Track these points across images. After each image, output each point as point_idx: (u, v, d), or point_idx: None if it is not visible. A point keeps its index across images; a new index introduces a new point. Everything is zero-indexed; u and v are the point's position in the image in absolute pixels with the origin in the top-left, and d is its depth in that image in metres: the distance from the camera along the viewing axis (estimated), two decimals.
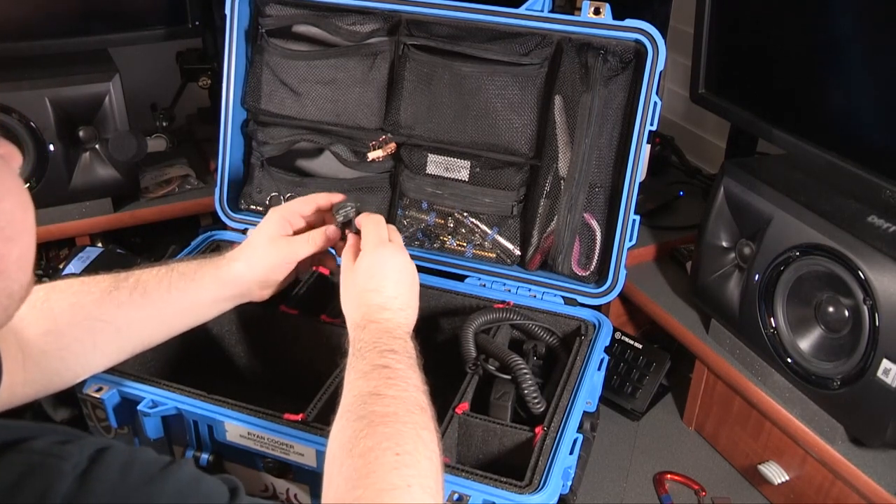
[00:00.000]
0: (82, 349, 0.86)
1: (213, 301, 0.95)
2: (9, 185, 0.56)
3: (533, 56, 1.13)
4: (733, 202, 1.09)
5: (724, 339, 1.13)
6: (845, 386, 0.94)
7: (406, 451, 0.67)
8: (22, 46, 1.33)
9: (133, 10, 1.42)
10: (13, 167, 0.57)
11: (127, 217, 1.42)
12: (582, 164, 1.12)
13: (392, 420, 0.69)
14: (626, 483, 1.13)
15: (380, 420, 0.69)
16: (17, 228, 0.56)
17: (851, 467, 0.96)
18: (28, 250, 0.58)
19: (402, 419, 0.70)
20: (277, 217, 0.97)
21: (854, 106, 1.02)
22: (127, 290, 0.89)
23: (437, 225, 1.25)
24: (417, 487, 0.64)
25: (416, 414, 0.72)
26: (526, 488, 0.84)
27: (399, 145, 1.23)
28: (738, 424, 1.14)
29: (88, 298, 0.87)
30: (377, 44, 1.20)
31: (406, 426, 0.69)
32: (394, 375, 0.75)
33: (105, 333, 0.88)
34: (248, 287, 0.97)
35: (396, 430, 0.69)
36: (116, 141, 1.33)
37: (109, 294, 0.88)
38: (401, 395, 0.73)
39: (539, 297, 1.18)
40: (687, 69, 1.29)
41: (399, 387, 0.74)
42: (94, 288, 0.88)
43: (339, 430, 0.70)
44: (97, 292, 0.88)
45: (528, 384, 0.98)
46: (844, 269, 0.92)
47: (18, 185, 0.57)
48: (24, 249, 0.57)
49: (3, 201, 0.55)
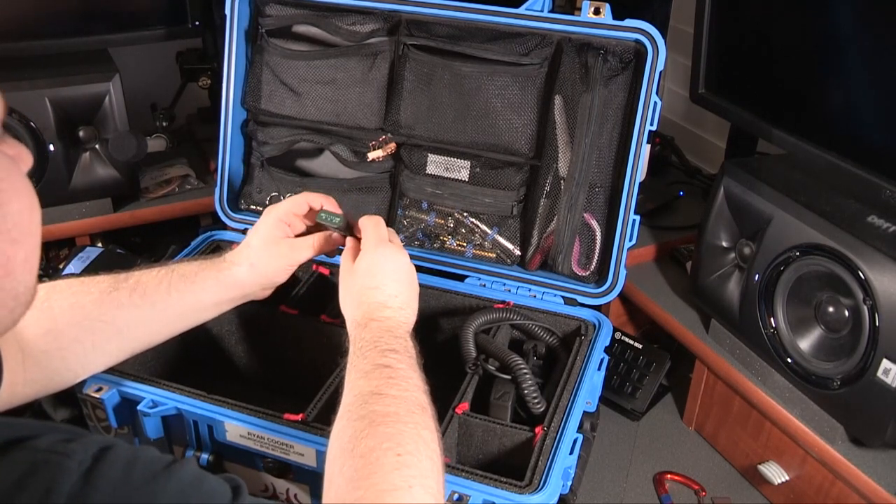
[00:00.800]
0: (82, 349, 0.86)
1: (213, 303, 0.95)
2: (18, 187, 0.56)
3: (533, 56, 1.13)
4: (733, 202, 1.09)
5: (724, 339, 1.13)
6: (845, 386, 0.94)
7: (407, 452, 0.67)
8: (22, 46, 1.34)
9: (133, 10, 1.43)
10: (23, 169, 0.57)
11: (127, 217, 1.42)
12: (582, 164, 1.12)
13: (393, 420, 0.69)
14: (626, 483, 1.13)
15: (381, 420, 0.69)
16: (24, 231, 0.56)
17: (851, 467, 0.96)
18: (34, 253, 0.58)
19: (402, 419, 0.70)
20: (274, 219, 0.96)
21: (854, 106, 1.02)
22: (127, 291, 0.89)
23: (437, 225, 1.25)
24: (419, 488, 0.64)
25: (417, 414, 0.72)
26: (526, 488, 0.84)
27: (399, 145, 1.23)
28: (738, 424, 1.14)
29: (88, 299, 0.87)
30: (377, 44, 1.20)
31: (407, 426, 0.69)
32: (395, 375, 0.75)
33: (105, 334, 0.88)
34: (251, 289, 0.97)
35: (397, 431, 0.68)
36: (116, 141, 1.32)
37: (109, 295, 0.88)
38: (402, 394, 0.73)
39: (539, 297, 1.18)
40: (687, 69, 1.29)
41: (400, 386, 0.74)
42: (93, 288, 0.88)
43: (340, 430, 0.70)
44: (97, 293, 0.88)
45: (528, 384, 0.98)
46: (844, 269, 0.92)
47: (28, 187, 0.57)
48: (30, 252, 0.57)
49: (12, 203, 0.55)
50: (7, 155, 0.56)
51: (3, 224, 0.54)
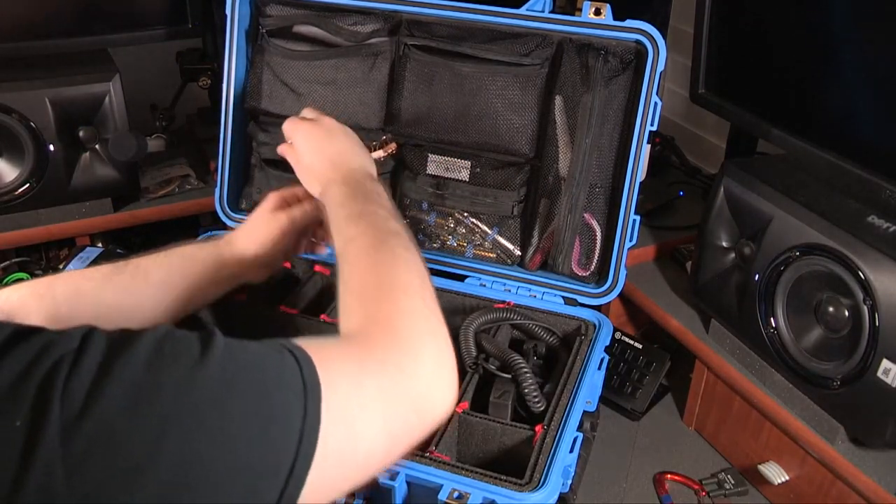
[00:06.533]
0: None
1: (213, 281, 0.96)
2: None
3: (534, 56, 1.13)
4: (733, 202, 1.09)
5: (724, 339, 1.13)
6: (845, 386, 0.94)
7: (402, 255, 0.75)
8: (22, 46, 1.33)
9: (133, 10, 1.42)
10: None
11: (127, 217, 1.42)
12: (582, 165, 1.12)
13: (382, 243, 0.76)
14: (626, 483, 1.13)
15: (377, 245, 0.76)
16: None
17: (851, 467, 0.96)
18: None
19: (389, 243, 0.77)
20: (273, 196, 1.03)
21: (854, 106, 1.02)
22: (128, 275, 0.90)
23: (438, 225, 1.25)
24: (419, 300, 0.71)
25: (395, 238, 0.78)
26: (526, 486, 0.84)
27: (399, 145, 1.23)
28: (738, 424, 1.14)
29: (90, 285, 0.88)
30: (378, 44, 1.20)
31: (398, 237, 0.78)
32: (382, 210, 0.83)
33: (107, 318, 0.87)
34: (248, 264, 0.99)
35: (389, 247, 0.76)
36: (116, 141, 1.32)
37: (111, 280, 0.89)
38: (390, 216, 0.81)
39: (539, 297, 1.18)
40: (687, 69, 1.29)
41: (388, 213, 0.82)
42: (95, 275, 0.89)
43: (340, 277, 0.74)
44: (98, 278, 0.89)
45: (528, 383, 0.98)
46: (844, 269, 0.92)
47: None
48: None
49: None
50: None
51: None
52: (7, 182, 1.28)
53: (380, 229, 0.78)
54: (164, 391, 0.49)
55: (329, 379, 0.55)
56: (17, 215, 1.32)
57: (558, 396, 0.97)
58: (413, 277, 0.73)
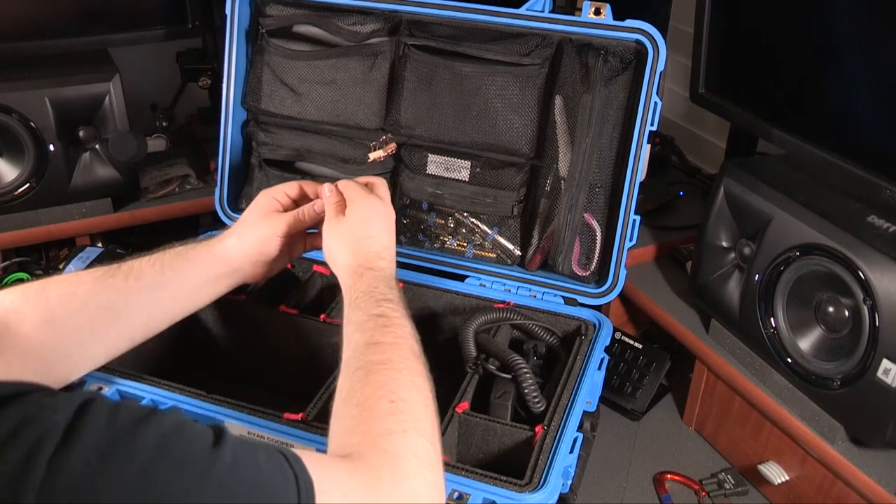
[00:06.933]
0: (80, 338, 0.86)
1: (207, 280, 0.96)
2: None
3: (533, 56, 1.13)
4: (733, 202, 1.09)
5: (724, 339, 1.13)
6: (845, 386, 0.94)
7: (401, 399, 0.69)
8: (22, 46, 1.33)
9: (133, 10, 1.42)
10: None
11: (127, 217, 1.42)
12: (582, 165, 1.12)
13: (387, 368, 0.72)
14: (626, 483, 1.13)
15: (376, 369, 0.72)
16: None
17: (851, 467, 0.96)
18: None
19: (396, 366, 0.73)
20: (265, 196, 1.01)
21: (854, 106, 1.02)
22: (122, 276, 0.89)
23: (438, 225, 1.25)
24: (413, 432, 0.67)
25: (411, 360, 0.74)
26: (526, 487, 0.84)
27: (399, 145, 1.23)
28: (738, 424, 1.14)
29: (83, 287, 0.87)
30: (378, 44, 1.20)
31: (401, 374, 0.72)
32: (390, 323, 0.78)
33: (104, 320, 0.87)
34: (241, 263, 0.98)
35: (391, 378, 0.71)
36: (116, 141, 1.32)
37: (104, 281, 0.88)
38: (396, 342, 0.76)
39: (539, 297, 1.18)
40: (687, 69, 1.29)
41: (395, 334, 0.77)
42: (87, 277, 0.89)
43: (340, 385, 0.73)
44: (91, 281, 0.88)
45: (528, 383, 0.98)
46: (844, 269, 0.92)
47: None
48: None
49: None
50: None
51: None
52: (7, 182, 1.28)
53: (398, 346, 0.76)
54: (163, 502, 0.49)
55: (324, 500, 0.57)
56: (17, 215, 1.32)
57: (558, 396, 0.97)
58: (414, 395, 0.72)
